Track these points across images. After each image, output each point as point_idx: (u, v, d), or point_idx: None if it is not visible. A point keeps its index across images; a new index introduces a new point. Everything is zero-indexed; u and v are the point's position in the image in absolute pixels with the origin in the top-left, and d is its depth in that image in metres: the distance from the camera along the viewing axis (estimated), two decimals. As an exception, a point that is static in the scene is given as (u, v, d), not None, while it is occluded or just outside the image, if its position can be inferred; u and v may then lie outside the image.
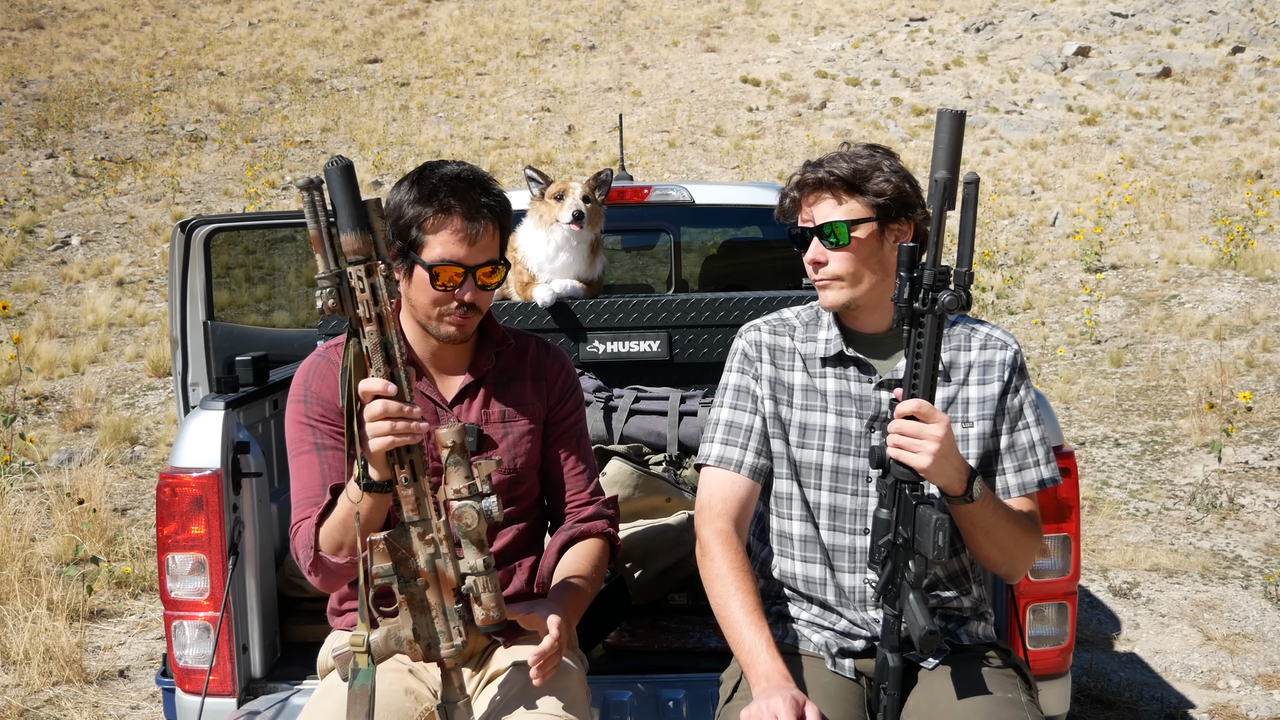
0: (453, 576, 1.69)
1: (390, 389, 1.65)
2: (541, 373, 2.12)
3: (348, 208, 1.64)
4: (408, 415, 1.65)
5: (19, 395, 8.52)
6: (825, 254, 1.92)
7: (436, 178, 1.93)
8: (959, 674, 1.88)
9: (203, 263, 3.86)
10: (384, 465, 1.68)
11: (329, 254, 1.63)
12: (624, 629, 2.63)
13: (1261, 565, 5.08)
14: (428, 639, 1.71)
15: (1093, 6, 25.54)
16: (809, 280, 1.99)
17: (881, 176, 1.90)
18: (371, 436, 1.65)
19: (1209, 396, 7.41)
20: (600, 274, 3.19)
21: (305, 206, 1.62)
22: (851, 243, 1.90)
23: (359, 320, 1.65)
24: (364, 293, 1.64)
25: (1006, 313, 11.18)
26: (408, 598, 1.70)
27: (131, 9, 32.35)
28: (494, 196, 1.96)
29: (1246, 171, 16.11)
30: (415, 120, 21.49)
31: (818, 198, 1.93)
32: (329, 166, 1.65)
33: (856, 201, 1.90)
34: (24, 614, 4.23)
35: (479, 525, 1.65)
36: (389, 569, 1.67)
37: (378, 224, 1.67)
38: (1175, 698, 3.81)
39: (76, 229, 15.13)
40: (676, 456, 2.97)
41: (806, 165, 1.97)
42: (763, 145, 19.16)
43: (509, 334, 2.13)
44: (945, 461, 1.73)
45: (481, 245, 1.93)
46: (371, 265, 1.65)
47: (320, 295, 1.63)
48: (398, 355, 1.67)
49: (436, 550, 1.69)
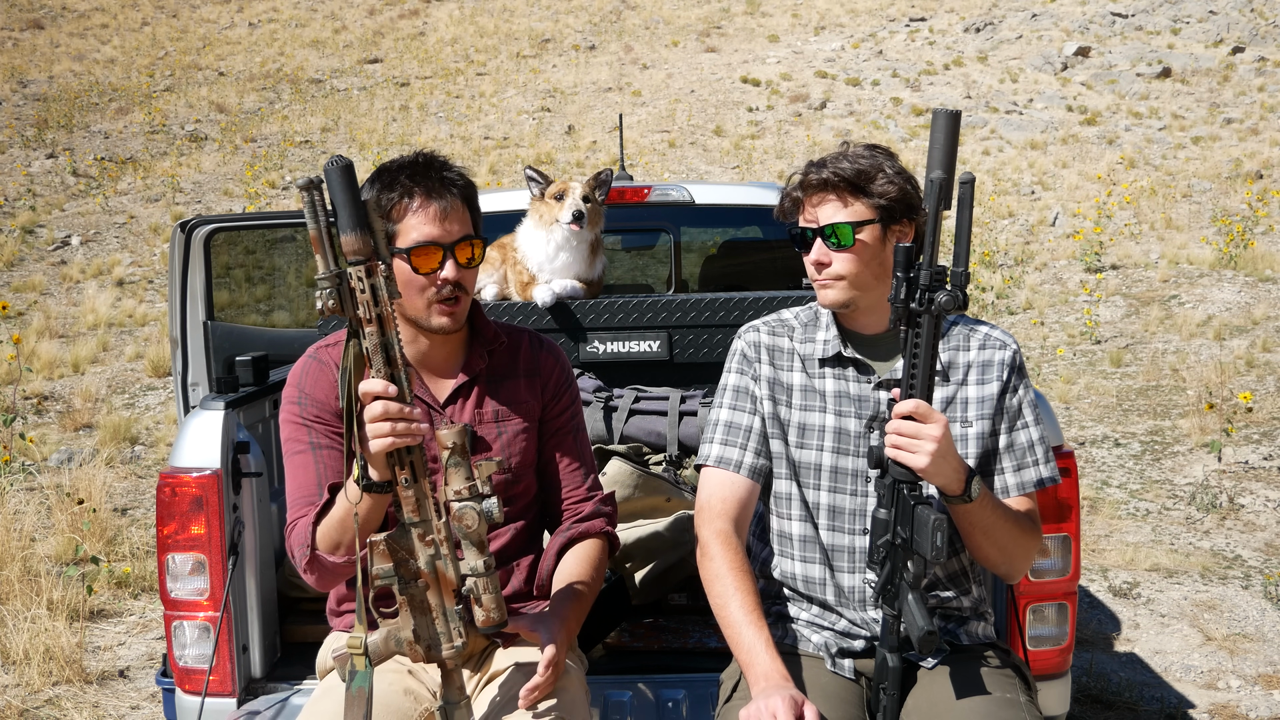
0: (453, 578, 1.69)
1: (391, 390, 1.64)
2: (535, 369, 2.11)
3: (348, 208, 1.64)
4: (408, 416, 1.64)
5: (19, 395, 8.52)
6: (829, 255, 1.92)
7: (394, 167, 1.95)
8: (958, 674, 1.88)
9: (203, 263, 3.86)
10: (384, 466, 1.68)
11: (329, 254, 1.63)
12: (624, 629, 2.63)
13: (1261, 565, 5.08)
14: (428, 640, 1.71)
15: (1093, 6, 25.54)
16: (809, 280, 1.99)
17: (885, 178, 1.90)
18: (372, 438, 1.64)
19: (1209, 396, 7.41)
20: (600, 274, 3.19)
21: (305, 207, 1.62)
22: (855, 244, 1.90)
23: (359, 321, 1.65)
24: (364, 293, 1.63)
25: (1006, 313, 11.18)
26: (408, 599, 1.70)
27: (131, 9, 32.35)
28: (455, 172, 1.96)
29: (1246, 171, 16.11)
30: (415, 120, 21.50)
31: (822, 198, 1.93)
32: (329, 166, 1.65)
33: (860, 203, 1.90)
34: (24, 614, 4.23)
35: (480, 526, 1.65)
36: (389, 570, 1.67)
37: (378, 224, 1.67)
38: (1175, 698, 3.81)
39: (76, 229, 15.13)
40: (676, 456, 2.98)
41: (810, 165, 1.96)
42: (763, 145, 19.16)
43: (501, 331, 2.12)
44: (943, 461, 1.73)
45: (452, 221, 1.92)
46: (371, 265, 1.64)
47: (320, 296, 1.63)
48: (398, 356, 1.66)
49: (437, 551, 1.68)
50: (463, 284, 1.95)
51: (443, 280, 1.92)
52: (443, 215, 1.91)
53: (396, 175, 1.93)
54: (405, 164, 1.95)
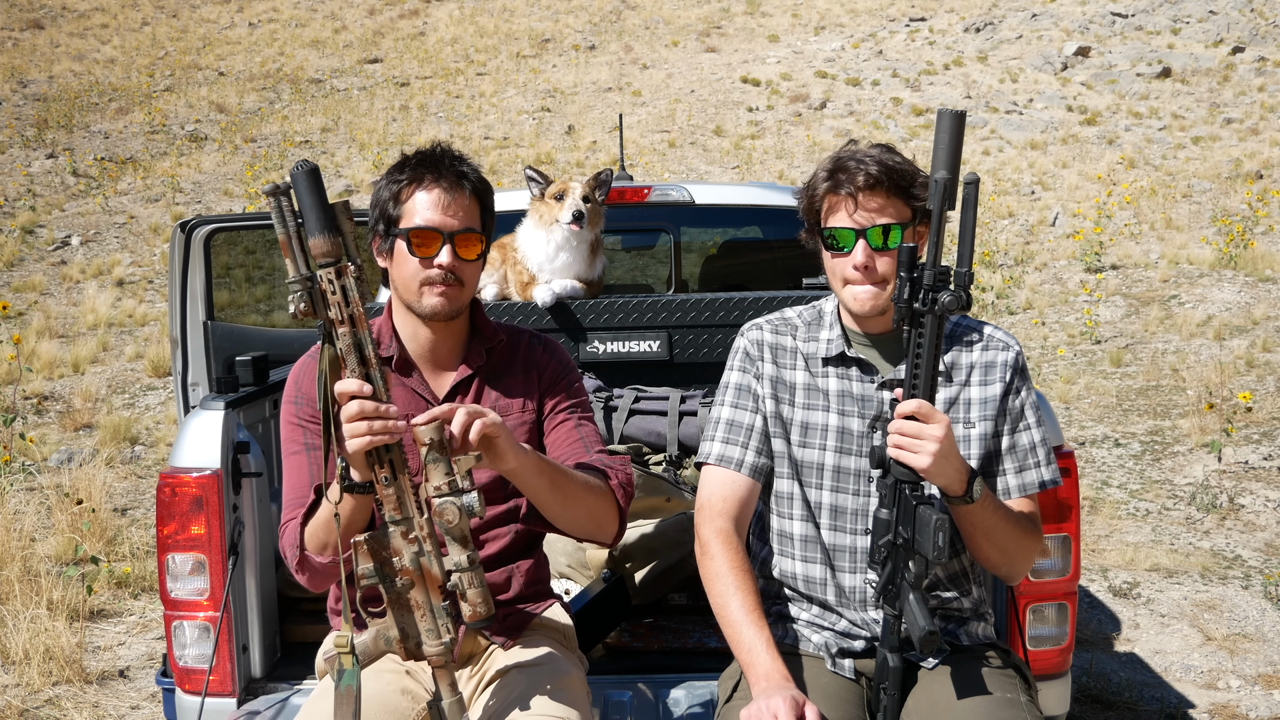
0: (438, 574, 1.68)
1: (365, 389, 1.64)
2: (531, 363, 2.10)
3: (315, 211, 1.63)
4: (384, 415, 1.64)
5: (19, 395, 8.52)
6: (873, 257, 1.88)
7: (411, 156, 1.99)
8: (959, 674, 1.88)
9: (203, 263, 3.86)
10: (364, 465, 1.68)
11: (299, 258, 1.63)
12: (624, 629, 2.63)
13: (1261, 565, 5.08)
14: (416, 638, 1.70)
15: (1093, 6, 25.53)
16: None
17: (921, 179, 1.88)
18: (349, 438, 1.64)
19: (1209, 396, 7.41)
20: (600, 274, 3.19)
21: (273, 212, 1.62)
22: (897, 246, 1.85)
23: (332, 323, 1.64)
24: (335, 295, 1.63)
25: (1006, 313, 11.18)
26: (394, 597, 1.69)
27: (131, 9, 32.35)
28: (469, 167, 1.98)
29: (1246, 171, 16.11)
30: (415, 120, 21.49)
31: (870, 197, 1.87)
32: (295, 171, 1.65)
33: (903, 203, 1.89)
34: (24, 614, 4.23)
35: (461, 521, 1.65)
36: (373, 569, 1.66)
37: (346, 226, 1.66)
38: (1175, 698, 3.81)
39: (76, 229, 15.13)
40: (676, 456, 2.98)
41: (849, 163, 1.89)
42: (763, 145, 19.16)
43: (501, 330, 2.12)
44: (945, 462, 1.73)
45: (457, 212, 1.94)
46: (341, 267, 1.64)
47: (292, 300, 1.63)
48: (372, 355, 1.66)
49: (420, 549, 1.68)
50: (458, 274, 1.95)
51: (438, 265, 1.92)
52: (447, 204, 1.93)
53: (409, 164, 1.97)
54: (422, 154, 1.99)
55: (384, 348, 2.04)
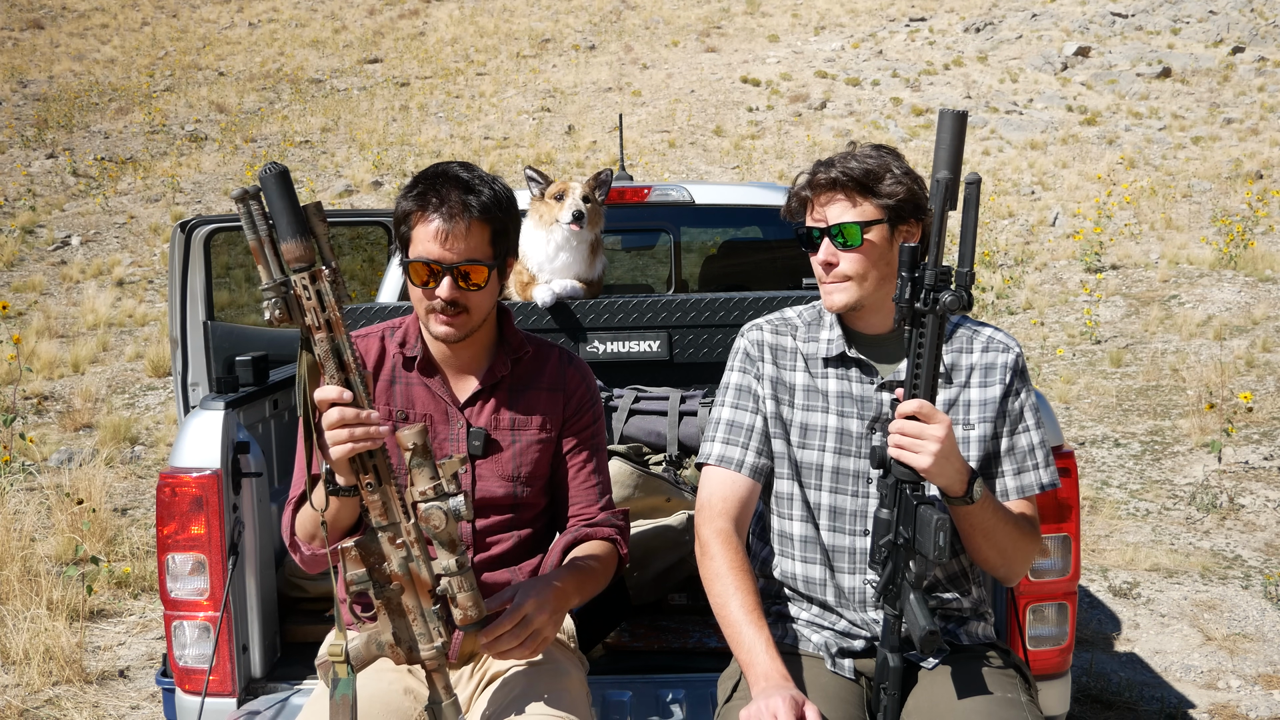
0: (427, 579, 1.68)
1: (345, 396, 1.62)
2: (560, 384, 2.09)
3: (286, 214, 1.59)
4: (366, 421, 1.62)
5: (19, 395, 8.52)
6: (836, 255, 1.91)
7: (429, 175, 1.95)
8: (959, 674, 1.88)
9: (203, 263, 3.87)
10: (349, 471, 1.66)
11: (271, 264, 1.59)
12: (624, 629, 2.63)
13: (1261, 565, 5.08)
14: (408, 642, 1.70)
15: (1093, 6, 25.54)
16: (809, 280, 1.99)
17: (892, 178, 1.89)
18: (331, 445, 1.62)
19: (1209, 396, 7.41)
20: (600, 274, 3.19)
21: (243, 218, 1.57)
22: (863, 244, 1.89)
23: (309, 329, 1.61)
24: (311, 300, 1.60)
25: (1006, 313, 11.18)
26: (384, 602, 1.69)
27: (131, 9, 32.35)
28: (479, 195, 1.92)
29: (1246, 171, 16.11)
30: (415, 120, 21.49)
31: (830, 198, 1.92)
32: (263, 173, 1.60)
33: (869, 203, 1.90)
34: (24, 614, 4.23)
35: (448, 525, 1.64)
36: (363, 575, 1.66)
37: (319, 228, 1.61)
38: (1175, 698, 3.81)
39: (76, 229, 15.13)
40: (676, 456, 2.97)
41: (818, 165, 1.95)
42: (763, 145, 19.16)
43: (529, 341, 2.11)
44: (946, 462, 1.73)
45: (457, 243, 1.90)
46: (316, 271, 1.60)
47: (266, 307, 1.59)
48: (351, 360, 1.63)
49: (409, 553, 1.67)
50: (462, 304, 1.93)
51: (437, 297, 1.91)
52: (446, 236, 1.89)
53: (420, 184, 1.93)
54: (437, 176, 1.94)
55: (409, 348, 2.04)
